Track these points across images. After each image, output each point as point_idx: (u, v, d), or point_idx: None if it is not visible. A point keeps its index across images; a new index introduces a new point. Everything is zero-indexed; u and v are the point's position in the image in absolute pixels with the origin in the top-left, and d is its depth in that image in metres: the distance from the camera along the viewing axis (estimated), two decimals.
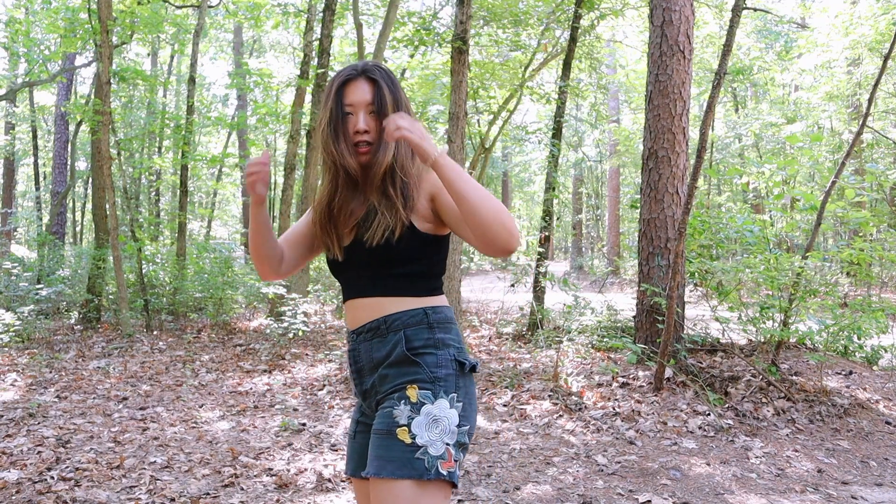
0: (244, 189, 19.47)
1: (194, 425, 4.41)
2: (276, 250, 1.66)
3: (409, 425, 1.43)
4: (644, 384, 4.95)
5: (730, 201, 15.31)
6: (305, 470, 3.55)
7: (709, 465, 3.69)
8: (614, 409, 4.55)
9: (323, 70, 8.37)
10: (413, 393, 1.47)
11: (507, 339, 7.50)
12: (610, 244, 20.52)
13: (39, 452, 3.74)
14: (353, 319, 1.61)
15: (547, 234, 7.97)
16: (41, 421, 4.40)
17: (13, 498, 3.11)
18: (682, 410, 4.47)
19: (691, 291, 7.64)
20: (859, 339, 5.65)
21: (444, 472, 1.41)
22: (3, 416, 4.48)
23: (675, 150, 5.49)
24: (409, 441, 1.42)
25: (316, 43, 8.93)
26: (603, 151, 23.01)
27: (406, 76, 11.95)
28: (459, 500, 3.18)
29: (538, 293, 7.75)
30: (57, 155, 13.81)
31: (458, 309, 6.43)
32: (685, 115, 5.55)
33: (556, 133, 8.14)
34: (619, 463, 3.70)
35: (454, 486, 1.45)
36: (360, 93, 1.55)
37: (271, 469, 3.57)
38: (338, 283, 10.45)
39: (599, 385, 5.04)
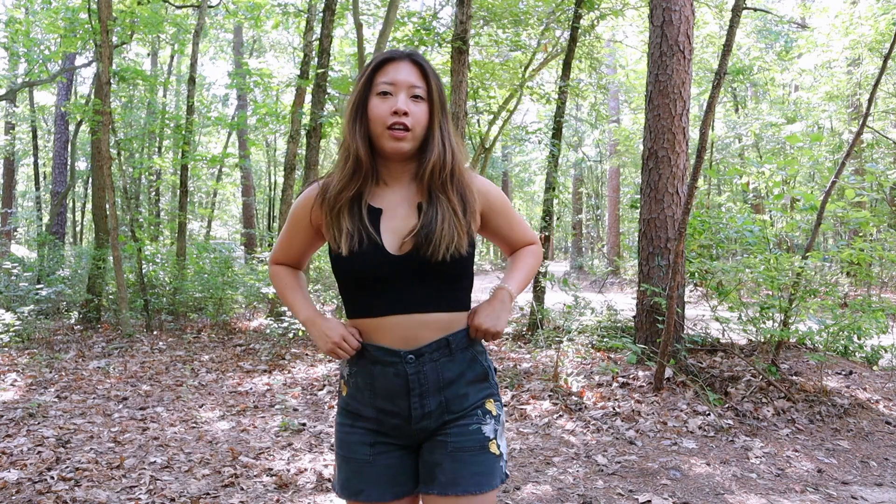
0: (244, 189, 19.46)
1: (194, 425, 4.41)
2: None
3: (496, 438, 1.50)
4: (644, 384, 4.95)
5: (730, 201, 15.31)
6: (305, 470, 3.55)
7: (709, 465, 3.69)
8: (614, 409, 4.55)
9: (323, 70, 8.37)
10: (492, 406, 1.52)
11: (507, 339, 7.50)
12: (610, 244, 20.53)
13: (39, 452, 3.74)
14: (406, 339, 1.45)
15: (547, 234, 7.97)
16: (41, 421, 4.40)
17: (13, 498, 3.11)
18: (682, 410, 4.47)
19: (691, 291, 7.64)
20: (859, 339, 5.65)
21: (507, 472, 1.54)
22: (3, 416, 4.48)
23: (675, 150, 5.49)
24: (497, 452, 1.49)
25: (316, 43, 8.93)
26: (603, 151, 23.01)
27: None
28: None
29: (538, 293, 7.75)
30: (57, 155, 13.81)
31: None
32: (685, 115, 5.55)
33: (556, 133, 8.14)
34: (619, 463, 3.70)
35: None
36: (404, 73, 1.45)
37: (271, 469, 3.57)
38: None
39: (599, 385, 5.04)
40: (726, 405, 4.51)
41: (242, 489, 3.29)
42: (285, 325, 7.20)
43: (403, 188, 1.50)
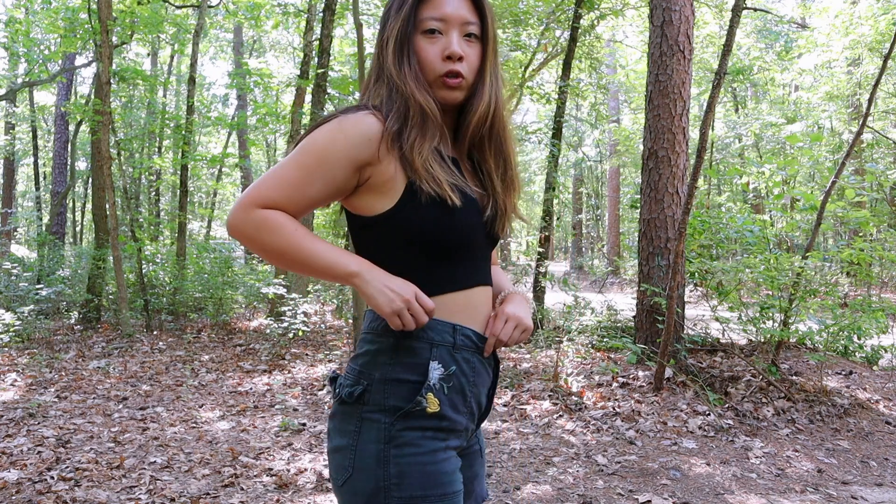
0: (244, 189, 19.44)
1: (194, 425, 4.41)
2: None
3: None
4: (644, 384, 4.95)
5: (730, 201, 15.31)
6: (305, 470, 3.55)
7: (709, 465, 3.69)
8: (614, 409, 4.55)
9: (323, 70, 8.36)
10: None
11: None
12: (610, 244, 20.53)
13: (39, 452, 3.74)
14: (485, 317, 1.23)
15: (547, 234, 7.97)
16: (41, 421, 4.40)
17: (13, 498, 3.11)
18: (682, 410, 4.47)
19: (691, 291, 7.64)
20: (859, 339, 5.66)
21: None
22: (3, 416, 4.48)
23: (675, 150, 5.49)
24: None
25: (316, 43, 8.93)
26: (603, 151, 23.01)
27: None
28: None
29: (538, 293, 7.75)
30: (57, 155, 13.81)
31: None
32: (685, 115, 5.55)
33: (556, 133, 8.14)
34: (619, 463, 3.70)
35: None
36: (456, 5, 1.17)
37: (271, 469, 3.57)
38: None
39: (599, 385, 5.04)
40: (726, 405, 4.51)
41: (242, 489, 3.29)
42: (285, 325, 7.20)
43: (447, 140, 1.24)
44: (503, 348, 6.86)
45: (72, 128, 13.82)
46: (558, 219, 28.66)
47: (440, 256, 1.16)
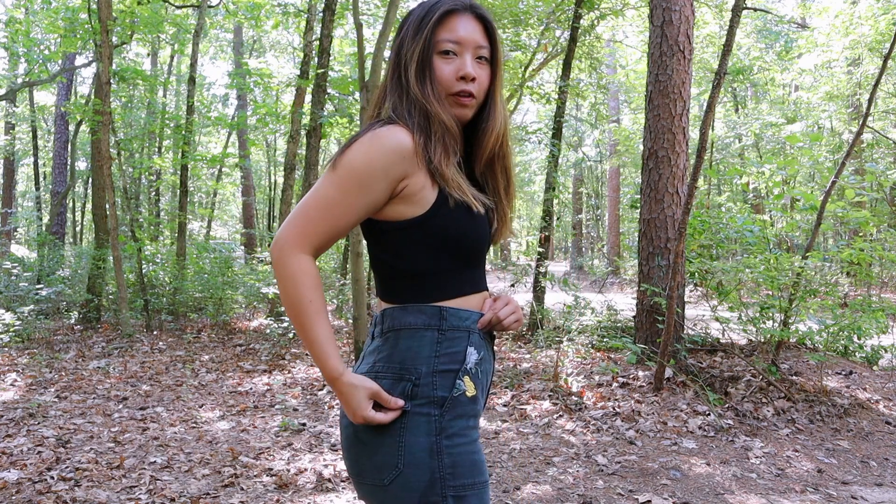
0: (244, 189, 19.46)
1: (194, 425, 4.41)
2: None
3: None
4: (644, 384, 4.95)
5: (730, 201, 15.30)
6: (305, 470, 3.55)
7: (709, 465, 3.69)
8: (614, 409, 4.55)
9: (323, 70, 8.36)
10: None
11: (507, 339, 7.50)
12: (610, 244, 20.52)
13: (39, 452, 3.74)
14: None
15: (547, 234, 7.96)
16: (41, 421, 4.40)
17: (13, 498, 3.11)
18: (682, 410, 4.47)
19: (691, 291, 7.64)
20: (859, 339, 5.66)
21: None
22: (3, 416, 4.48)
23: (675, 150, 5.49)
24: None
25: (316, 43, 8.92)
26: (603, 151, 23.01)
27: None
28: None
29: (538, 293, 7.74)
30: (57, 155, 13.80)
31: None
32: (685, 115, 5.55)
33: (556, 133, 8.13)
34: (619, 463, 3.70)
35: None
36: (469, 29, 1.24)
37: (271, 469, 3.57)
38: (338, 283, 10.28)
39: (599, 385, 5.04)
40: (726, 405, 4.51)
41: (242, 489, 3.29)
42: (285, 325, 7.20)
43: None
44: (503, 346, 6.86)
45: (72, 128, 13.81)
46: (558, 219, 28.66)
47: (463, 260, 1.24)
